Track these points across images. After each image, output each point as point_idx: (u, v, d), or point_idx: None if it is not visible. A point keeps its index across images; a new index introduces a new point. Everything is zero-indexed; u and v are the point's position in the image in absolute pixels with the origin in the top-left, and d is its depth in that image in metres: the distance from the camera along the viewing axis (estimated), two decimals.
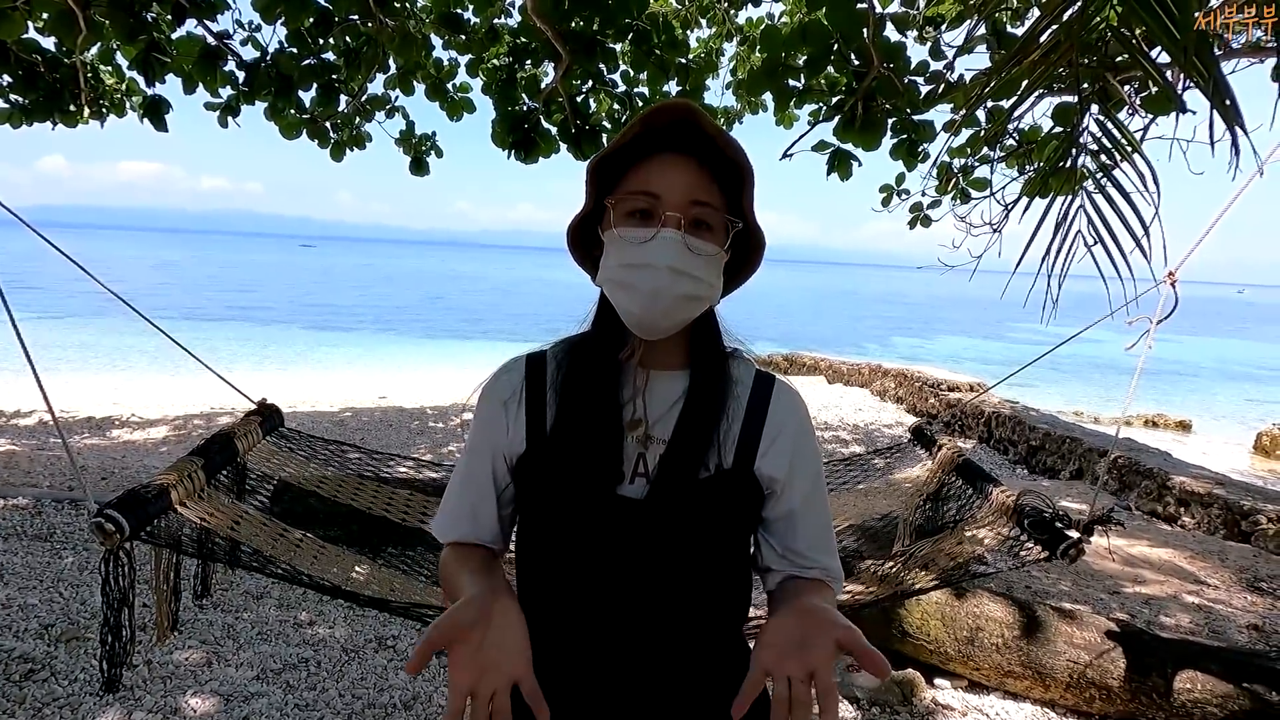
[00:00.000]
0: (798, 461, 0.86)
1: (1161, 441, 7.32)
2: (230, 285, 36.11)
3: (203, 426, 6.73)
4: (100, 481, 4.52)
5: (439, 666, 2.62)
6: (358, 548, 1.98)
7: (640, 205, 0.81)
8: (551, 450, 0.82)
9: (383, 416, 7.69)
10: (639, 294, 0.79)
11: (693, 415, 0.83)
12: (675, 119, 0.80)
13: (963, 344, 24.54)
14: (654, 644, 0.82)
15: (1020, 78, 1.91)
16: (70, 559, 3.29)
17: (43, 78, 4.32)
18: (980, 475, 2.04)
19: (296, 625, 2.85)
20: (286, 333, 19.16)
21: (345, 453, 2.16)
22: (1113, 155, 1.60)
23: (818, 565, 0.88)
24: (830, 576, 0.88)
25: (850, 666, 2.62)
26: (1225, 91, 1.37)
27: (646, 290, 0.78)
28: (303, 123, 4.57)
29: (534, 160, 4.50)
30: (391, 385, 10.74)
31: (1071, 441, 6.29)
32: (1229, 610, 3.33)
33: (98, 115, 5.07)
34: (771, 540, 0.88)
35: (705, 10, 5.49)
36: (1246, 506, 4.49)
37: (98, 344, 14.03)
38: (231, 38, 4.08)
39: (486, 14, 4.64)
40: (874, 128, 3.59)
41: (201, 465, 1.60)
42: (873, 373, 10.80)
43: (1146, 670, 2.32)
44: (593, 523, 0.80)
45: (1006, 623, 2.53)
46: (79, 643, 2.59)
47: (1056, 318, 1.66)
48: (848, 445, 7.01)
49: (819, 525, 0.89)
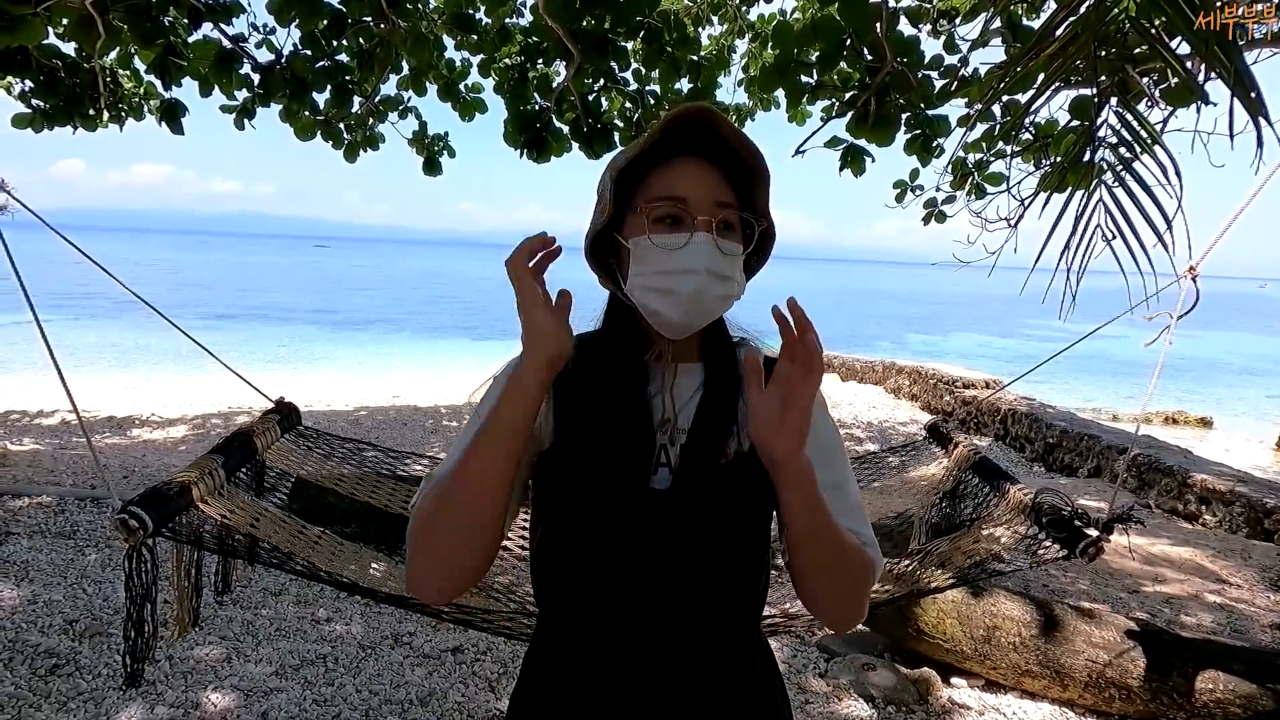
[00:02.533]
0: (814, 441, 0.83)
1: (1182, 439, 7.21)
2: (245, 286, 36.51)
3: (221, 425, 6.81)
4: (122, 480, 4.59)
5: (455, 663, 2.64)
6: (374, 544, 2.00)
7: (670, 211, 0.82)
8: (583, 450, 0.83)
9: (397, 415, 7.76)
10: (680, 298, 0.80)
11: (711, 404, 0.84)
12: (694, 123, 0.81)
13: (977, 340, 24.32)
14: (681, 637, 0.82)
15: (1037, 71, 1.89)
16: (93, 556, 3.34)
17: (63, 82, 4.39)
18: (997, 473, 2.03)
19: (314, 622, 2.88)
20: (302, 332, 19.34)
21: (362, 450, 2.18)
22: (1132, 148, 1.58)
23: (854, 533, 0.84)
24: (862, 540, 0.84)
25: (865, 665, 2.61)
26: (1249, 82, 1.35)
27: (688, 294, 0.80)
28: (317, 124, 4.61)
29: (546, 159, 4.51)
30: (405, 384, 10.81)
31: (1089, 439, 6.22)
32: (1252, 610, 3.29)
33: (116, 119, 5.15)
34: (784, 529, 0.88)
35: (717, 7, 5.47)
36: (1270, 504, 4.42)
37: (116, 344, 14.23)
38: (247, 41, 4.12)
39: (498, 14, 4.65)
40: (887, 123, 3.56)
41: (221, 463, 1.63)
42: (886, 370, 10.73)
43: (1167, 670, 2.30)
44: (623, 516, 0.81)
45: (1024, 621, 2.51)
46: (102, 638, 2.64)
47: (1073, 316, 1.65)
48: (862, 443, 6.97)
49: (847, 501, 0.86)
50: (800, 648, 2.83)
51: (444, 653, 2.70)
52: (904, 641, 2.71)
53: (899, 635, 2.71)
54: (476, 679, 2.56)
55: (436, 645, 2.75)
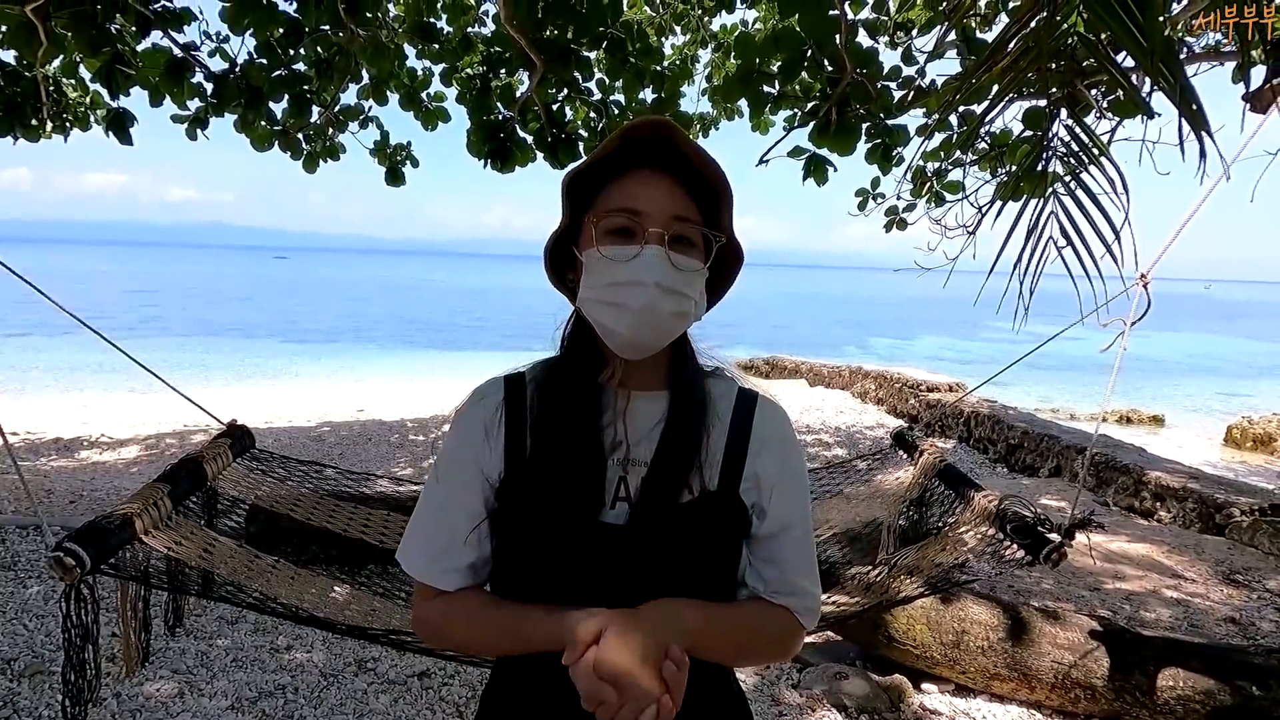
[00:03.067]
0: (782, 483, 0.85)
1: (1136, 437, 7.45)
2: (203, 298, 35.49)
3: (175, 446, 6.57)
4: (68, 505, 4.39)
5: (421, 689, 2.56)
6: (334, 570, 1.93)
7: (622, 223, 0.79)
8: (532, 477, 0.80)
9: (361, 430, 7.58)
10: (628, 312, 0.77)
11: (673, 437, 0.81)
12: (653, 135, 0.79)
13: (941, 344, 24.85)
14: None
15: (991, 83, 1.93)
16: (35, 589, 3.17)
17: (2, 91, 4.21)
18: (962, 480, 2.05)
19: (273, 650, 2.77)
20: (262, 346, 18.82)
21: (321, 472, 2.11)
22: (1081, 160, 1.62)
23: (790, 593, 0.86)
24: (801, 607, 0.87)
25: (838, 675, 2.61)
26: (1191, 96, 1.39)
27: (636, 308, 0.77)
28: (274, 134, 4.50)
29: (510, 169, 4.46)
30: (369, 398, 10.58)
31: (1049, 439, 6.38)
32: (1207, 604, 3.38)
33: (60, 129, 4.96)
34: (750, 558, 0.88)
35: (679, 17, 5.50)
36: (1220, 499, 4.57)
37: (64, 362, 13.65)
38: (199, 49, 4.00)
39: (460, 23, 4.61)
40: (848, 133, 3.61)
41: (168, 492, 1.55)
42: (853, 375, 10.88)
43: (1129, 669, 2.34)
44: (575, 551, 0.78)
45: (991, 625, 2.54)
46: (44, 677, 2.50)
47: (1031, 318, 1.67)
48: (830, 448, 7.04)
49: (800, 552, 0.87)
50: None
51: (410, 678, 2.62)
52: (875, 648, 2.72)
53: (870, 642, 2.72)
54: (444, 704, 2.49)
55: (402, 670, 2.67)
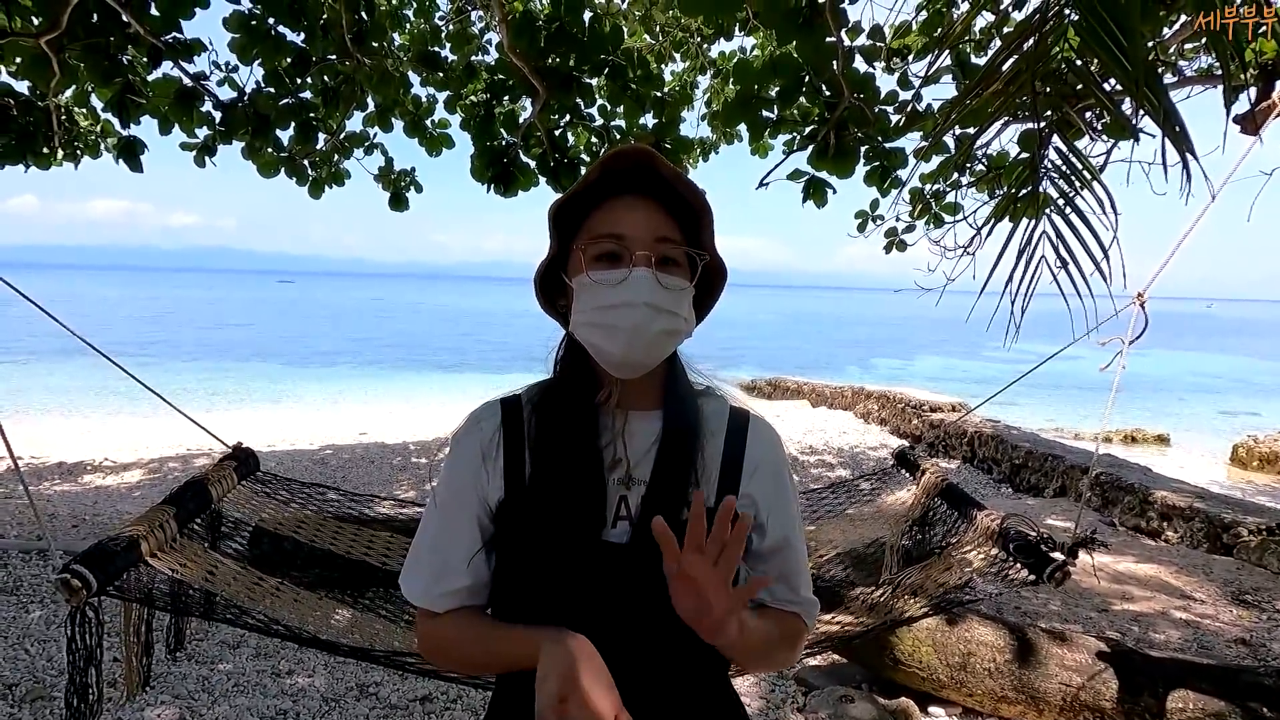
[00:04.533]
0: (776, 498, 0.87)
1: (1141, 456, 7.40)
2: (207, 322, 35.68)
3: (179, 469, 6.57)
4: (71, 529, 4.38)
5: (424, 713, 2.54)
6: (338, 592, 1.93)
7: (609, 247, 0.82)
8: (533, 498, 0.81)
9: (364, 453, 7.57)
10: (620, 333, 0.80)
11: (670, 455, 0.83)
12: (634, 163, 0.82)
13: (942, 364, 24.82)
14: (643, 692, 0.80)
15: (985, 106, 1.97)
16: (38, 613, 3.16)
17: (15, 120, 4.29)
18: (965, 500, 2.05)
19: (275, 675, 2.75)
20: (266, 369, 18.87)
21: (325, 495, 2.12)
22: (1072, 182, 1.65)
23: (796, 601, 0.90)
24: (806, 612, 0.91)
25: (844, 698, 2.58)
26: (1175, 119, 1.42)
27: (628, 328, 0.79)
28: (280, 161, 4.57)
29: (513, 194, 4.53)
30: (372, 421, 10.58)
31: (1053, 459, 6.35)
32: (1217, 625, 3.35)
33: (71, 157, 5.04)
34: (751, 573, 0.89)
35: (679, 45, 5.61)
36: (1228, 519, 4.54)
37: (67, 386, 13.69)
38: (208, 78, 4.09)
39: (464, 51, 4.71)
40: (847, 156, 3.67)
41: (173, 514, 1.56)
42: (856, 395, 10.87)
43: (1139, 690, 2.31)
44: (579, 570, 0.79)
45: (998, 647, 2.51)
46: (45, 702, 2.48)
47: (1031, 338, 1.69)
48: (833, 469, 7.01)
49: (799, 562, 0.90)
50: (778, 681, 2.79)
51: (412, 702, 2.60)
52: (881, 671, 2.69)
53: (876, 665, 2.69)
54: None
55: (404, 695, 2.64)
